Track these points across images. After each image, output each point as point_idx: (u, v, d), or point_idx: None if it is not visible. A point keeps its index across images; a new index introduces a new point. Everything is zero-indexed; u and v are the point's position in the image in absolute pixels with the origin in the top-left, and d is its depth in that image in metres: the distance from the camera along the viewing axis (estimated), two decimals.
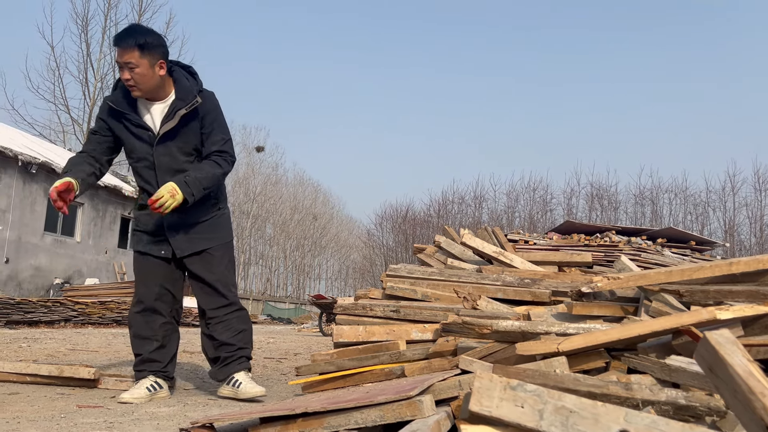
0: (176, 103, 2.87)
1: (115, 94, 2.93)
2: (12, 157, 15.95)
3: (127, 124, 2.90)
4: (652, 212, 28.04)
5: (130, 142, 2.92)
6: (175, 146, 2.90)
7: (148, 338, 2.97)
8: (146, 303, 2.98)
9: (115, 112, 2.89)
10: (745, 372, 0.90)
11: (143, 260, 3.01)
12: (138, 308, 3.01)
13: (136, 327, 3.01)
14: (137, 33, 2.78)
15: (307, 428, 1.77)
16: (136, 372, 2.97)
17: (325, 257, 55.91)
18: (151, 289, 2.97)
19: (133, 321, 3.04)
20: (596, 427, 1.01)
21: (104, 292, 15.39)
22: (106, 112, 2.92)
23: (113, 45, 2.83)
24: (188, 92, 2.90)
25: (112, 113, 2.90)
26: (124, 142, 2.95)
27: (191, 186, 2.79)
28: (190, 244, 2.96)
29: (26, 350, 5.64)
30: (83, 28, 28.83)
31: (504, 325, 2.09)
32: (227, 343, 2.98)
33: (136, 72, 2.75)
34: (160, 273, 2.99)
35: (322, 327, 12.61)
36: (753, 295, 1.98)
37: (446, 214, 31.91)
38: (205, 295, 3.02)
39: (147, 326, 2.97)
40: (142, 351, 2.96)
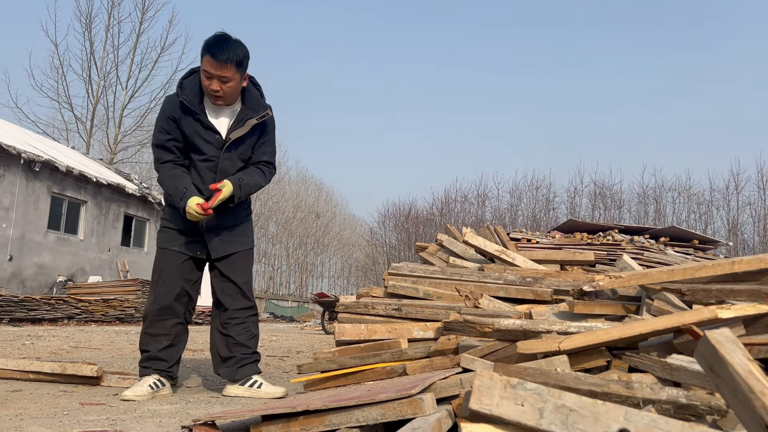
0: (246, 112, 2.97)
1: (186, 94, 2.91)
2: (15, 155, 15.99)
3: (197, 126, 2.91)
4: (655, 211, 27.98)
5: (196, 142, 2.93)
6: (237, 153, 2.99)
7: (159, 336, 2.96)
8: (166, 301, 2.96)
9: (189, 111, 2.89)
10: (745, 371, 0.90)
11: (172, 259, 2.99)
12: (156, 305, 2.98)
13: (149, 323, 2.99)
14: (236, 49, 2.81)
15: (308, 426, 1.78)
16: (142, 368, 2.96)
17: (328, 255, 55.95)
18: (172, 288, 2.97)
19: (147, 320, 3.01)
20: (596, 425, 1.01)
21: (107, 290, 15.43)
22: (177, 110, 2.90)
23: (209, 55, 2.77)
24: (258, 103, 3.01)
25: (184, 111, 2.90)
26: (189, 141, 2.94)
27: (242, 189, 2.93)
28: (225, 246, 3.04)
29: (29, 348, 5.66)
30: (87, 26, 28.91)
31: (505, 323, 2.09)
32: (244, 344, 3.03)
33: (228, 86, 2.83)
34: (185, 273, 3.01)
35: (325, 325, 12.62)
36: (755, 294, 1.98)
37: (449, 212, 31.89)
38: (229, 296, 3.06)
39: (161, 324, 2.96)
40: (150, 348, 2.95)
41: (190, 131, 2.91)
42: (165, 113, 2.92)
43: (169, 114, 2.91)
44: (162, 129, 2.94)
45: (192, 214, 2.78)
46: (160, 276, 3.00)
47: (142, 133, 31.05)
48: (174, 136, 2.92)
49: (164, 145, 2.94)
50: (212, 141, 2.94)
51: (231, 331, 3.03)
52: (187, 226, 2.97)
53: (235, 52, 2.79)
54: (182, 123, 2.91)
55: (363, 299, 3.00)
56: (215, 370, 3.12)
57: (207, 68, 2.79)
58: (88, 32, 28.92)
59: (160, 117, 2.95)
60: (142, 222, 22.56)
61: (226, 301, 3.06)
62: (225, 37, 2.82)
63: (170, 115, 2.91)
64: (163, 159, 2.95)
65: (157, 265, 3.03)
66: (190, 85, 2.93)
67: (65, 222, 18.46)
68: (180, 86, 2.95)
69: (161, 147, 2.94)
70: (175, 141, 2.93)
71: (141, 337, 3.01)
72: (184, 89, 2.93)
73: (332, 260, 57.29)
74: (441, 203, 32.62)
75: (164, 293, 2.97)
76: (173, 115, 2.90)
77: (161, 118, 2.93)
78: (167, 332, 2.97)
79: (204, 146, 2.93)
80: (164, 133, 2.93)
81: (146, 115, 30.62)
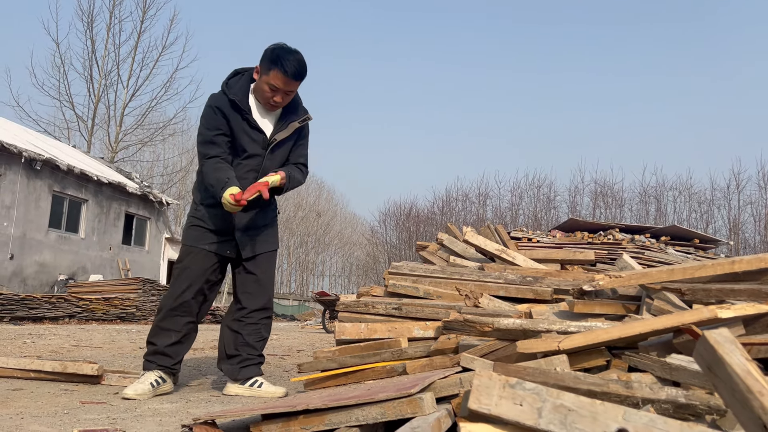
0: (289, 115, 3.04)
1: (235, 93, 2.93)
2: (16, 153, 16.01)
3: (244, 124, 2.94)
4: (656, 210, 27.98)
5: (243, 140, 2.95)
6: (279, 154, 3.05)
7: (169, 331, 2.96)
8: (184, 298, 2.95)
9: (238, 109, 2.92)
10: (744, 371, 0.90)
11: (200, 257, 2.98)
12: (175, 301, 2.96)
13: (163, 317, 2.97)
14: (305, 66, 2.89)
15: (308, 425, 1.78)
16: (146, 362, 2.96)
17: (329, 254, 55.99)
18: (194, 286, 2.97)
19: (162, 313, 2.99)
20: (595, 425, 1.02)
21: (108, 289, 15.45)
22: (227, 107, 2.91)
23: (282, 72, 2.81)
24: (299, 107, 3.08)
25: (235, 109, 2.92)
26: (235, 139, 2.95)
27: (290, 181, 2.98)
28: (255, 246, 3.07)
29: (30, 346, 5.67)
30: (88, 25, 28.94)
31: (505, 323, 2.09)
32: (252, 345, 3.05)
33: (289, 97, 2.94)
34: (208, 273, 3.01)
35: (326, 324, 12.64)
36: (755, 294, 1.98)
37: (450, 211, 31.90)
38: (249, 294, 3.08)
39: (174, 320, 2.96)
40: (158, 342, 2.95)
41: (237, 129, 2.93)
42: (213, 109, 2.91)
43: (219, 109, 2.91)
44: (209, 125, 2.93)
45: (225, 204, 2.76)
46: (183, 272, 2.98)
47: (143, 131, 31.11)
48: (223, 131, 2.92)
49: (212, 140, 2.92)
50: (258, 140, 2.97)
51: (242, 330, 3.05)
52: (220, 225, 2.98)
53: (305, 69, 2.87)
54: (230, 120, 2.92)
55: (363, 298, 3.00)
56: (218, 364, 3.13)
57: (276, 83, 2.84)
58: (90, 31, 28.97)
59: (206, 114, 2.94)
60: (143, 221, 22.58)
61: (244, 299, 3.07)
62: (297, 55, 2.86)
63: (219, 111, 2.91)
64: (209, 154, 2.92)
65: (183, 261, 3.01)
66: (238, 86, 2.96)
67: (66, 220, 18.48)
68: (226, 86, 2.97)
69: (209, 142, 2.92)
70: (224, 135, 2.92)
71: (152, 329, 3.00)
72: (231, 88, 2.95)
73: (333, 259, 57.34)
74: (442, 202, 32.64)
75: (185, 290, 2.96)
76: (222, 111, 2.91)
77: (208, 115, 2.93)
78: (178, 329, 2.97)
79: (249, 145, 2.96)
80: (212, 129, 2.92)
81: (147, 113, 30.67)
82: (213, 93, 3.00)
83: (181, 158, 38.63)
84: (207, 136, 2.92)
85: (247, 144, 2.96)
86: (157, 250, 23.49)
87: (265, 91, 2.88)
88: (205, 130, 2.93)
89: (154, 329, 2.99)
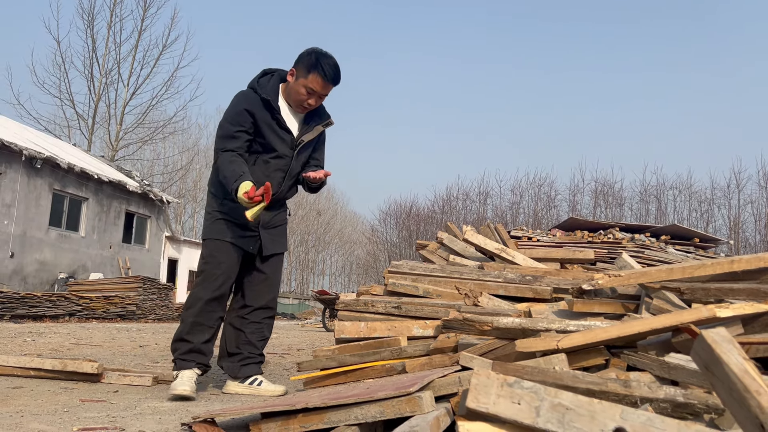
0: (313, 118, 3.08)
1: (267, 92, 2.93)
2: (17, 151, 16.01)
3: (273, 124, 2.94)
4: (656, 209, 27.96)
5: (271, 140, 2.94)
6: (303, 154, 3.08)
7: (204, 327, 2.90)
8: (222, 291, 2.92)
9: (269, 108, 2.92)
10: (741, 370, 0.90)
11: (230, 251, 2.94)
12: (210, 295, 2.89)
13: (199, 312, 2.89)
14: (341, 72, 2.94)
15: (307, 423, 1.78)
16: (181, 361, 2.87)
17: (329, 253, 56.03)
18: (228, 279, 2.95)
19: (197, 306, 2.90)
20: (592, 424, 1.02)
21: (108, 287, 15.46)
22: (257, 105, 2.90)
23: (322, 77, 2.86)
24: (323, 111, 3.13)
25: (266, 108, 2.91)
26: (263, 138, 2.94)
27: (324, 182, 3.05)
28: (274, 244, 3.09)
29: (30, 344, 5.67)
30: (89, 24, 28.95)
31: (504, 322, 2.09)
32: (254, 344, 3.05)
33: (321, 100, 2.99)
34: (237, 267, 2.99)
35: (326, 323, 12.64)
36: (754, 293, 1.98)
37: (451, 210, 31.89)
38: (255, 292, 3.07)
39: (209, 315, 2.90)
40: (194, 340, 2.88)
41: (265, 128, 2.92)
42: (241, 106, 2.90)
43: (246, 107, 2.89)
44: (233, 120, 2.89)
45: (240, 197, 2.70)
46: (218, 266, 2.92)
47: (144, 130, 31.12)
48: (246, 128, 2.89)
49: (233, 134, 2.88)
50: (286, 141, 2.98)
51: (245, 328, 3.04)
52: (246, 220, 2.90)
53: (340, 74, 2.93)
54: (258, 118, 2.91)
55: (363, 297, 3.00)
56: (219, 362, 3.11)
57: (314, 87, 2.87)
58: (91, 29, 28.98)
59: (233, 110, 2.91)
60: (143, 219, 22.58)
61: (250, 296, 3.06)
62: (334, 60, 2.91)
63: (248, 108, 2.89)
64: (226, 147, 2.88)
65: (216, 255, 2.94)
66: (269, 85, 2.96)
67: (66, 219, 18.49)
68: (257, 84, 2.97)
69: (228, 137, 2.89)
70: (246, 133, 2.89)
71: (186, 326, 2.90)
72: (262, 87, 2.95)
73: (333, 258, 57.36)
74: (443, 201, 32.63)
75: (222, 283, 2.91)
76: (251, 109, 2.89)
77: (234, 111, 2.90)
78: (211, 324, 2.92)
79: (278, 145, 2.97)
80: (235, 125, 2.89)
81: (148, 112, 30.67)
82: (242, 90, 2.99)
83: (181, 157, 38.68)
84: (229, 130, 2.89)
85: (276, 143, 2.96)
86: (158, 249, 23.50)
87: (301, 93, 2.90)
88: (228, 125, 2.90)
89: (187, 325, 2.90)
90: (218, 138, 2.93)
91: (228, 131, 2.89)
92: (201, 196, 42.81)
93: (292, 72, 2.93)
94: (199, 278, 2.95)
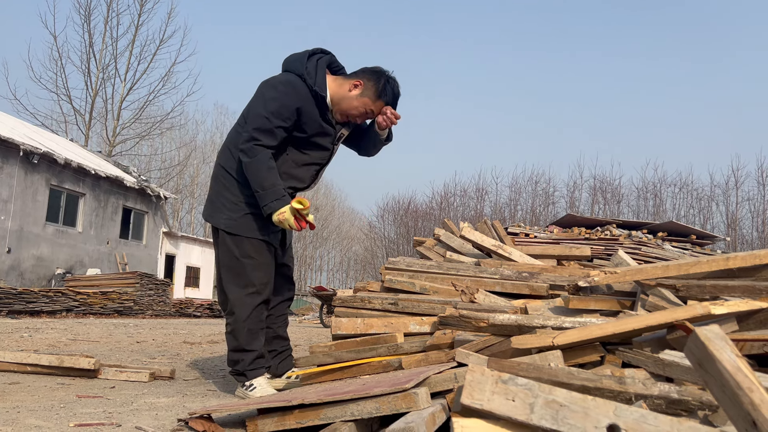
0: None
1: (320, 85, 2.73)
2: (14, 147, 15.98)
3: (320, 120, 2.78)
4: (654, 206, 28.03)
5: (314, 134, 2.81)
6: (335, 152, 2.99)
7: (260, 332, 2.81)
8: (265, 293, 2.80)
9: (320, 103, 2.76)
10: (734, 367, 0.91)
11: (268, 250, 2.83)
12: (257, 299, 2.77)
13: (253, 318, 2.76)
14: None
15: (303, 419, 1.79)
16: (252, 371, 2.74)
17: (327, 249, 56.03)
18: (270, 282, 2.85)
19: (249, 314, 2.75)
20: (586, 420, 1.02)
21: (106, 283, 15.46)
22: (307, 99, 2.72)
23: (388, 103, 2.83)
24: None
25: (317, 103, 2.75)
26: (304, 132, 2.78)
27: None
28: (290, 236, 3.07)
29: (27, 340, 5.67)
30: (86, 18, 28.88)
31: (501, 318, 2.09)
32: (283, 337, 3.05)
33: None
34: (273, 265, 2.89)
35: (323, 319, 12.66)
36: (749, 290, 1.99)
37: (448, 206, 31.92)
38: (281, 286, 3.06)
39: (259, 319, 2.80)
40: (256, 347, 2.76)
41: (310, 123, 2.77)
42: (290, 100, 2.69)
43: (296, 103, 2.70)
44: (277, 113, 2.67)
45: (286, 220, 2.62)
46: (260, 267, 2.78)
47: (141, 125, 31.06)
48: (288, 125, 2.71)
49: (272, 130, 2.67)
50: (330, 134, 2.85)
51: (273, 323, 3.02)
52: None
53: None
54: (305, 112, 2.74)
55: (360, 293, 3.00)
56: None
57: (375, 109, 2.80)
58: (87, 24, 28.89)
59: (278, 102, 2.68)
60: (140, 215, 22.55)
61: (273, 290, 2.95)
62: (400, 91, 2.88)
63: (297, 105, 2.70)
64: (262, 142, 2.66)
65: (252, 255, 2.78)
66: (318, 77, 2.75)
67: (64, 214, 18.47)
68: (306, 71, 2.74)
69: (267, 131, 2.66)
70: (285, 130, 2.71)
71: (243, 336, 2.73)
72: (311, 77, 2.74)
73: (331, 254, 57.39)
74: (440, 197, 32.67)
75: (264, 284, 2.80)
76: (300, 105, 2.71)
77: (280, 103, 2.67)
78: (262, 327, 2.83)
79: (321, 138, 2.83)
80: (278, 119, 2.67)
81: (145, 107, 30.61)
82: (289, 76, 2.75)
83: (178, 152, 38.61)
84: (269, 124, 2.66)
85: (320, 137, 2.82)
86: (155, 244, 23.48)
87: (358, 110, 2.80)
88: (271, 117, 2.66)
89: (244, 335, 2.74)
90: (255, 126, 2.67)
91: (267, 124, 2.66)
92: (198, 191, 42.77)
93: (358, 84, 2.78)
94: (239, 281, 2.78)
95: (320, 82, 2.73)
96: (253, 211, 2.77)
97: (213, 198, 2.89)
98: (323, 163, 2.93)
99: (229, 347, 2.79)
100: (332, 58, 2.88)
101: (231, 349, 2.78)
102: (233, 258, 2.78)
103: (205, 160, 43.06)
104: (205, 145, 44.49)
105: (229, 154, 2.86)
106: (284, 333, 3.07)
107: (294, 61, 2.79)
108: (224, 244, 2.81)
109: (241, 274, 2.77)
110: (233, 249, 2.78)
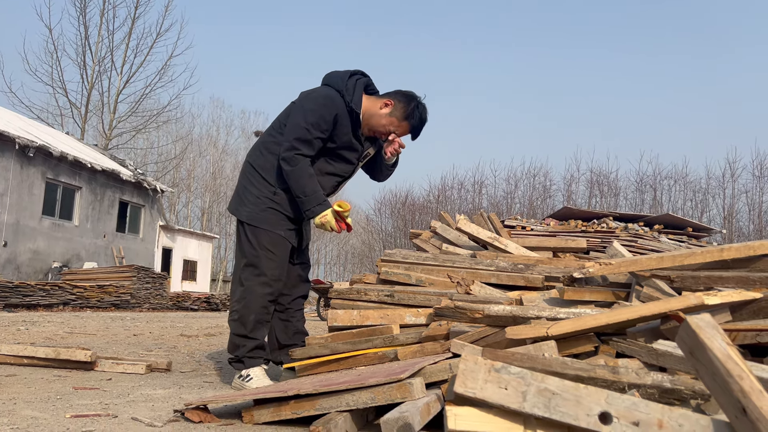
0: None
1: (356, 102, 2.86)
2: (9, 140, 15.91)
3: (351, 136, 2.91)
4: (651, 199, 28.06)
5: (345, 147, 2.93)
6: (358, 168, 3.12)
7: (265, 324, 2.90)
8: (276, 287, 2.89)
9: (353, 120, 2.88)
10: (724, 355, 0.92)
11: (284, 245, 2.91)
12: (267, 290, 2.85)
13: (262, 309, 2.86)
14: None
15: (299, 410, 1.80)
16: (250, 359, 2.82)
17: (324, 242, 55.98)
18: (282, 276, 2.93)
19: (258, 304, 2.84)
20: (578, 408, 1.03)
21: (102, 276, 15.44)
22: (343, 114, 2.85)
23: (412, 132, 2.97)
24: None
25: (351, 120, 2.87)
26: (334, 143, 2.90)
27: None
28: (308, 235, 3.16)
29: (24, 333, 5.67)
30: (82, 11, 28.74)
31: (496, 309, 2.10)
32: (303, 332, 3.09)
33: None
34: (287, 262, 2.98)
35: (320, 311, 12.67)
36: (743, 281, 2.00)
37: (446, 199, 31.90)
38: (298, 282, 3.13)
39: (267, 312, 2.89)
40: (258, 337, 2.85)
41: (342, 137, 2.89)
42: (330, 113, 2.82)
43: (334, 114, 2.82)
44: (317, 125, 2.80)
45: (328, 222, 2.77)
46: (273, 260, 2.87)
47: (137, 119, 30.97)
48: (325, 137, 2.84)
49: (311, 140, 2.80)
50: (358, 150, 2.98)
51: (291, 318, 3.08)
52: (296, 214, 2.91)
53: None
54: (339, 126, 2.87)
55: (356, 285, 3.01)
56: (272, 356, 3.08)
57: (399, 133, 2.94)
58: (83, 16, 28.76)
59: (318, 113, 2.81)
60: (137, 208, 22.52)
61: (291, 286, 3.07)
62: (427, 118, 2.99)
63: (335, 116, 2.82)
64: (303, 152, 2.80)
65: (268, 248, 2.87)
66: (356, 96, 2.88)
67: (60, 208, 18.42)
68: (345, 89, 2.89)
69: (306, 141, 2.79)
70: (322, 141, 2.85)
71: (249, 324, 2.82)
72: (349, 94, 2.88)
73: (328, 247, 57.38)
74: (438, 190, 32.62)
75: (278, 279, 2.89)
76: (337, 117, 2.83)
77: (320, 115, 2.81)
78: (269, 320, 2.93)
79: (349, 153, 2.97)
80: (317, 130, 2.81)
81: (141, 100, 30.51)
82: (330, 91, 2.89)
83: (175, 146, 38.51)
84: (309, 134, 2.79)
85: (347, 151, 2.95)
86: (152, 238, 23.46)
87: (385, 128, 2.91)
88: (311, 128, 2.80)
89: (250, 323, 2.82)
90: (295, 136, 2.80)
91: (307, 135, 2.80)
92: (195, 185, 42.69)
93: (389, 103, 2.90)
94: (254, 270, 2.87)
95: (356, 100, 2.87)
96: (275, 207, 2.91)
97: (239, 192, 3.02)
98: (345, 176, 3.06)
99: (233, 332, 2.87)
100: (369, 81, 3.01)
101: (234, 334, 2.86)
102: (251, 248, 2.89)
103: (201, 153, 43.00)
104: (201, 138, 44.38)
105: (259, 153, 3.00)
106: (303, 328, 3.11)
107: (335, 77, 2.95)
108: (244, 235, 2.93)
109: (256, 264, 2.87)
110: (252, 240, 2.89)
